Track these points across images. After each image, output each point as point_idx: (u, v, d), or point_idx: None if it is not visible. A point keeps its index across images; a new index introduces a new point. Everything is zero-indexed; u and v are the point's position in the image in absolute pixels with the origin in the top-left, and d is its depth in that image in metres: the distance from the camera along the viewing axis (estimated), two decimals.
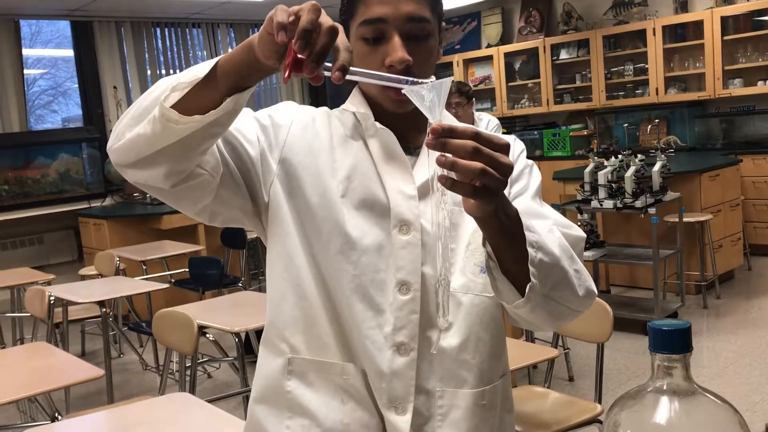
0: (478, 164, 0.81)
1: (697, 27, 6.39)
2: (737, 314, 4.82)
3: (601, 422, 2.48)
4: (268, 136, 1.13)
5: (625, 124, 5.83)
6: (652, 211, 4.37)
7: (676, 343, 0.76)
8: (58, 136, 6.76)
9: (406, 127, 1.13)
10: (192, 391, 2.84)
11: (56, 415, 2.78)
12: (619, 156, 4.64)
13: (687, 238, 5.00)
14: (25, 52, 6.71)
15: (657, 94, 6.65)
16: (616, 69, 7.07)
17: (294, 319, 1.12)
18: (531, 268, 0.95)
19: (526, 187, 1.16)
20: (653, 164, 4.63)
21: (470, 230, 1.11)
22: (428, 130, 0.83)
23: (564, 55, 7.42)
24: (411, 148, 1.14)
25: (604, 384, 2.66)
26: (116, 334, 4.97)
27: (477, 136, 0.83)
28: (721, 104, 6.53)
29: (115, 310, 4.93)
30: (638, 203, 4.41)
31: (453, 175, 0.83)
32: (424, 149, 1.14)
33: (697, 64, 6.49)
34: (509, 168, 0.84)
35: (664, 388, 0.77)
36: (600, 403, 2.57)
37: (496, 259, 0.97)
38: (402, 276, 1.08)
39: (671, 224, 4.91)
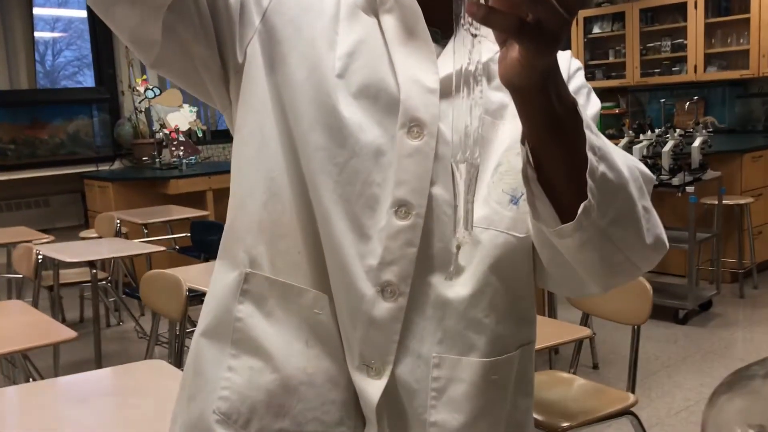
0: None
1: (743, 1, 5.98)
2: None
3: (634, 414, 2.19)
4: None
5: (662, 99, 5.47)
6: (690, 189, 4.04)
7: None
8: (67, 95, 6.52)
9: (435, 6, 0.81)
10: (179, 359, 2.59)
11: (29, 379, 2.55)
12: (656, 131, 4.31)
13: (724, 222, 4.67)
14: (40, 11, 6.48)
15: (695, 71, 6.27)
16: (652, 45, 6.68)
17: (260, 223, 0.83)
18: (589, 182, 0.66)
19: (583, 107, 0.87)
20: (690, 143, 4.30)
21: (502, 148, 0.82)
22: None
23: (597, 29, 7.04)
24: (439, 35, 0.84)
25: (630, 372, 2.36)
26: (116, 300, 4.75)
27: None
28: (765, 84, 6.13)
29: (115, 275, 4.71)
30: (675, 181, 4.08)
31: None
32: (458, 35, 0.83)
33: (741, 41, 6.09)
34: (576, 0, 0.57)
35: None
36: (633, 392, 2.28)
37: (539, 166, 0.69)
38: (402, 194, 0.78)
39: (708, 206, 4.57)
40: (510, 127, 0.82)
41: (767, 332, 4.03)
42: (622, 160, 0.72)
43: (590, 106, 0.89)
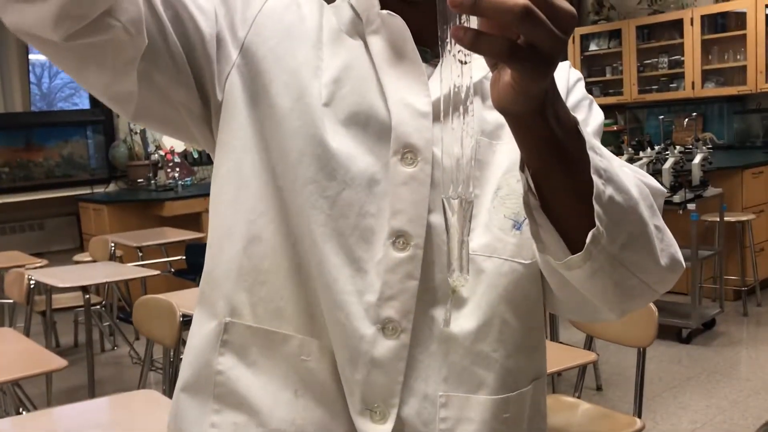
0: (519, 1, 0.49)
1: (739, 17, 5.98)
2: None
3: None
4: (231, 9, 0.78)
5: (661, 116, 5.44)
6: (691, 207, 4.00)
7: None
8: (61, 117, 6.49)
9: (424, 24, 0.77)
10: (172, 386, 2.52)
11: (20, 410, 2.48)
12: (656, 148, 4.27)
13: (726, 239, 4.62)
14: None
15: (693, 88, 6.25)
16: (649, 62, 6.67)
17: (240, 269, 0.77)
18: (597, 207, 0.61)
19: (584, 122, 0.83)
20: (690, 160, 4.26)
21: (501, 171, 0.77)
22: None
23: (593, 46, 7.04)
24: (428, 54, 0.79)
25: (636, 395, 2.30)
26: (110, 325, 4.67)
27: None
28: (763, 99, 6.11)
29: (110, 299, 4.65)
30: (676, 198, 4.04)
31: (475, 24, 0.52)
32: (445, 61, 0.78)
33: (738, 57, 6.08)
34: (571, 17, 0.52)
35: None
36: (640, 417, 2.21)
37: (541, 193, 0.64)
38: (399, 224, 0.73)
39: (710, 223, 4.52)
40: (509, 148, 0.77)
41: None
42: (630, 179, 0.67)
43: (592, 119, 0.84)
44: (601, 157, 0.63)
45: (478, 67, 0.75)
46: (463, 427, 0.75)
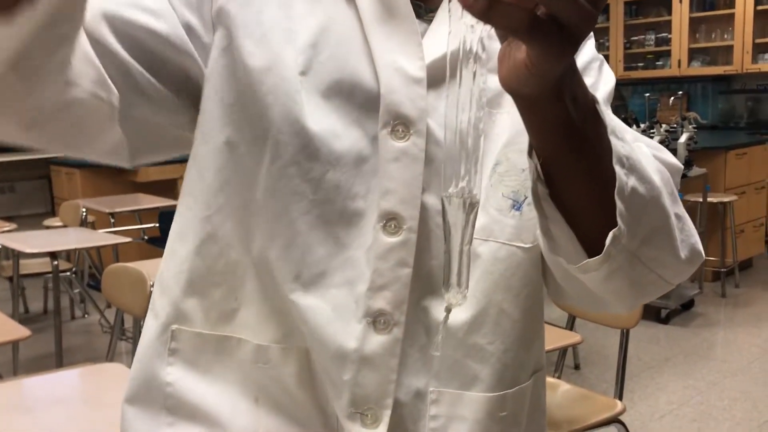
0: None
1: None
2: (758, 305, 4.43)
3: (622, 423, 2.09)
4: None
5: (647, 94, 5.39)
6: None
7: None
8: None
9: None
10: None
11: None
12: (641, 126, 4.22)
13: (708, 219, 4.60)
14: None
15: (679, 66, 6.21)
16: (636, 38, 6.61)
17: (191, 271, 0.69)
18: (619, 204, 0.54)
19: (594, 86, 0.73)
20: (675, 139, 4.22)
21: (500, 143, 0.68)
22: None
23: None
24: (422, 9, 0.69)
25: (615, 375, 2.25)
26: (80, 292, 4.56)
27: None
28: (749, 80, 6.09)
29: (81, 266, 4.53)
30: None
31: None
32: (444, 7, 0.68)
33: (725, 36, 6.04)
34: None
35: None
36: (621, 399, 2.17)
37: (551, 182, 0.56)
38: (389, 205, 0.64)
39: (692, 203, 4.49)
40: (510, 117, 0.68)
41: (749, 333, 3.96)
42: (651, 163, 0.60)
43: (603, 83, 0.75)
44: (622, 142, 0.55)
45: (479, 24, 0.66)
46: (454, 426, 0.68)
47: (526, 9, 0.43)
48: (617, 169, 0.53)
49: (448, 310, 0.55)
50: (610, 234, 0.54)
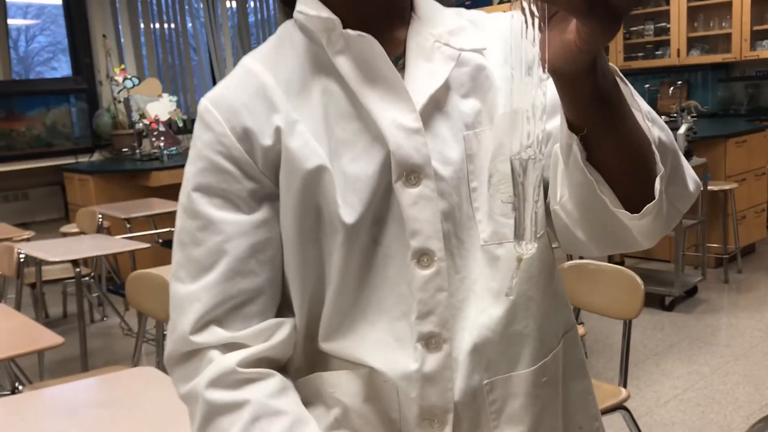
0: None
1: None
2: (760, 290, 4.52)
3: (626, 409, 2.19)
4: (245, 168, 0.78)
5: (646, 85, 5.47)
6: None
7: None
8: (43, 86, 6.39)
9: (385, 27, 0.79)
10: None
11: (17, 385, 2.50)
12: None
13: (709, 207, 4.69)
14: None
15: (678, 55, 6.28)
16: (635, 28, 6.68)
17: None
18: (656, 152, 0.64)
19: None
20: (675, 129, 4.30)
21: (488, 158, 0.78)
22: None
23: None
24: (393, 59, 0.78)
25: (619, 362, 2.36)
26: (99, 296, 4.68)
27: None
28: (747, 67, 6.16)
29: (98, 271, 4.64)
30: None
31: None
32: (413, 50, 0.79)
33: (723, 24, 6.10)
34: None
35: None
36: (625, 386, 2.27)
37: (589, 149, 0.66)
38: (419, 243, 0.75)
39: None
40: (487, 134, 0.78)
41: (751, 318, 4.06)
42: (658, 117, 0.70)
43: None
44: (641, 100, 0.66)
45: (445, 57, 0.77)
46: (510, 403, 0.79)
47: None
48: (648, 125, 0.64)
49: (519, 260, 0.64)
50: (658, 178, 0.64)
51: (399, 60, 0.80)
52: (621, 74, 0.64)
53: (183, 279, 0.77)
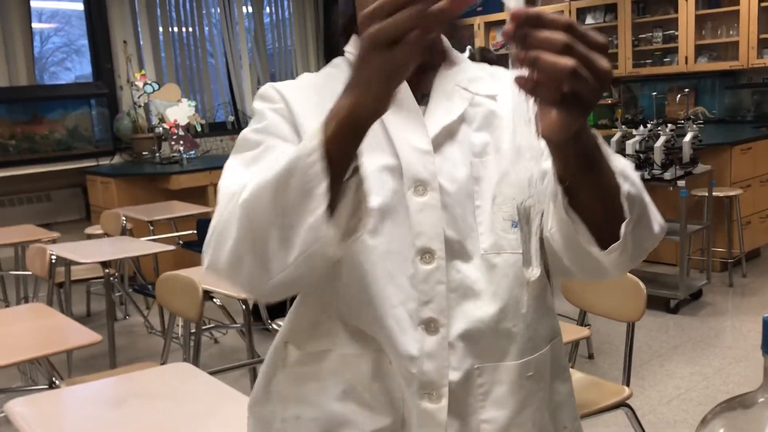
0: (568, 62, 0.64)
1: None
2: (764, 294, 4.63)
3: (629, 406, 2.33)
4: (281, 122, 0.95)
5: (654, 93, 5.59)
6: (681, 183, 4.17)
7: None
8: (66, 90, 6.58)
9: (420, 72, 0.93)
10: (196, 358, 2.71)
11: (54, 380, 2.66)
12: (648, 125, 4.42)
13: (714, 213, 4.80)
14: (34, 4, 6.51)
15: (686, 62, 6.39)
16: (644, 36, 6.79)
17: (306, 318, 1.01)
18: (624, 203, 0.78)
19: None
20: (682, 136, 4.42)
21: (494, 182, 0.95)
22: (508, 16, 0.66)
23: (590, 20, 7.14)
24: (418, 96, 0.98)
25: (624, 366, 2.50)
26: (122, 295, 4.85)
27: (570, 29, 0.66)
28: (754, 75, 6.26)
29: (121, 271, 4.81)
30: (667, 175, 4.21)
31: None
32: (436, 90, 0.98)
33: (731, 32, 6.21)
34: (607, 73, 0.67)
35: None
36: (628, 385, 2.41)
37: (571, 196, 0.80)
38: (423, 243, 0.92)
39: (699, 198, 4.70)
40: (494, 163, 0.95)
41: (755, 321, 4.17)
42: (630, 167, 0.84)
43: None
44: (616, 158, 0.81)
45: (462, 99, 0.95)
46: (496, 389, 0.94)
47: (558, 88, 0.67)
48: (620, 181, 0.79)
49: (528, 282, 0.80)
50: (624, 225, 0.79)
51: (424, 98, 0.98)
52: (602, 139, 0.79)
53: (238, 170, 0.91)
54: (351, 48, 1.03)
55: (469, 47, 4.02)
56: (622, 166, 0.81)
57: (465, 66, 1.03)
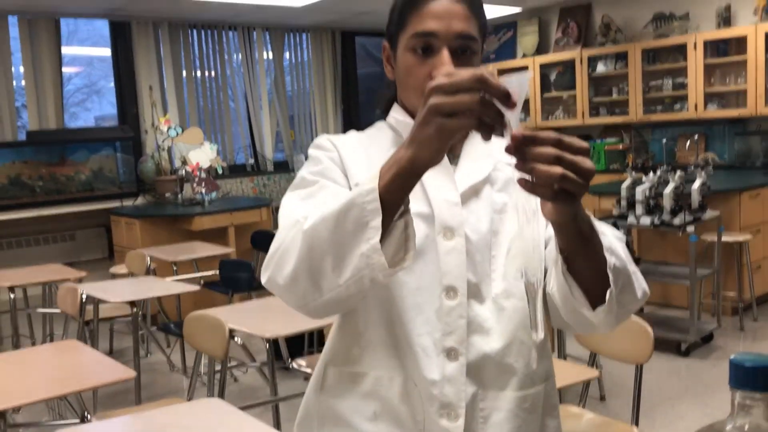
0: (557, 170, 0.81)
1: (740, 42, 6.26)
2: None
3: None
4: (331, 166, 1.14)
5: (664, 140, 5.73)
6: (690, 229, 4.27)
7: (759, 380, 0.72)
8: (93, 134, 6.83)
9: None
10: (221, 395, 2.82)
11: (86, 414, 2.78)
12: (658, 172, 4.55)
13: (724, 257, 4.89)
14: (65, 50, 6.79)
15: (696, 109, 6.54)
16: (654, 83, 6.96)
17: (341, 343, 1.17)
18: (610, 275, 0.94)
19: None
20: (691, 181, 4.54)
21: (509, 236, 1.11)
22: (509, 135, 0.82)
23: (601, 67, 7.32)
24: (451, 156, 1.15)
25: (633, 407, 2.59)
26: (144, 333, 4.98)
27: (558, 143, 0.82)
28: (763, 122, 6.39)
29: (144, 310, 4.95)
30: (676, 221, 4.32)
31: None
32: (465, 153, 1.17)
33: (739, 80, 6.36)
34: (591, 172, 0.83)
35: (745, 428, 0.72)
36: (637, 425, 2.50)
37: (569, 264, 0.97)
38: (448, 281, 1.08)
39: (708, 243, 4.80)
40: (511, 219, 1.11)
41: None
42: (616, 243, 0.99)
43: None
44: (604, 236, 0.96)
45: (487, 163, 1.13)
46: (496, 414, 1.10)
47: (551, 187, 0.83)
48: (607, 255, 0.94)
49: (535, 342, 1.01)
50: (608, 291, 0.94)
51: (456, 158, 1.16)
52: (595, 220, 0.96)
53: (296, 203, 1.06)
54: (395, 114, 1.21)
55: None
56: (609, 242, 0.97)
57: None
